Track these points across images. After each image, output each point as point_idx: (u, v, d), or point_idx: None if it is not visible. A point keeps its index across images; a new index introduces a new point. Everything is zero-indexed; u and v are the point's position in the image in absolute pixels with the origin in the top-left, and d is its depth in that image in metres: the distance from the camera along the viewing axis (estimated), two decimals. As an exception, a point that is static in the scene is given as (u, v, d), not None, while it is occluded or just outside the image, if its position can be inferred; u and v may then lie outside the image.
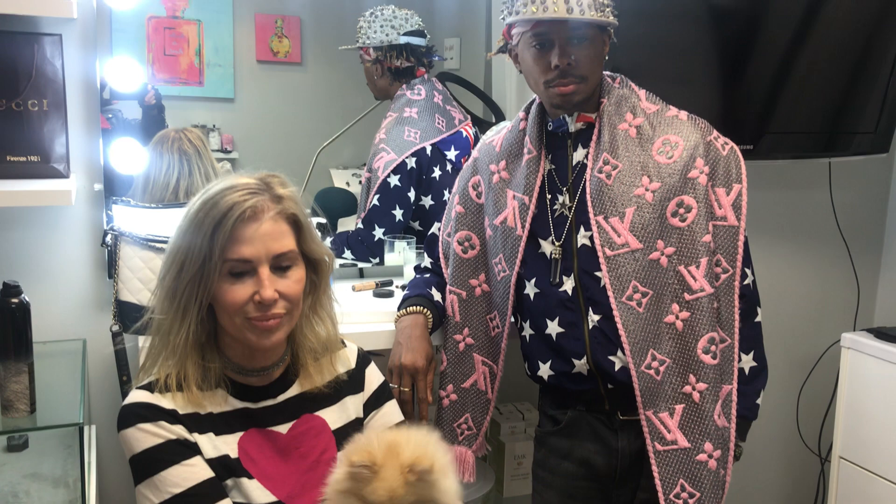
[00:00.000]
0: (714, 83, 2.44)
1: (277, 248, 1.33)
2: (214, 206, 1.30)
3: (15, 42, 1.84)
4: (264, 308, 1.32)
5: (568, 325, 1.72)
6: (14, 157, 1.87)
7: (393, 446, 1.27)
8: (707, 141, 1.70)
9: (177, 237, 1.34)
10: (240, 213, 1.29)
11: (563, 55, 1.62)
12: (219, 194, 1.31)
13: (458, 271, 1.86)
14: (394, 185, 2.33)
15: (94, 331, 2.00)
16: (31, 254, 1.97)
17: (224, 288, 1.31)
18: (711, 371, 1.65)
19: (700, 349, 1.65)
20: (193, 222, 1.31)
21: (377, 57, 2.41)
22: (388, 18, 2.40)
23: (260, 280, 1.31)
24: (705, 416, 1.65)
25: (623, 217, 1.66)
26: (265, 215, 1.32)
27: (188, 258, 1.30)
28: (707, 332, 1.65)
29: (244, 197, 1.30)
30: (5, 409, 1.58)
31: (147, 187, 2.12)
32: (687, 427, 1.65)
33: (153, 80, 2.33)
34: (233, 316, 1.33)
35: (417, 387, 1.76)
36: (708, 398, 1.65)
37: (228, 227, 1.28)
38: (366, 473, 1.23)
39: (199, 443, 1.33)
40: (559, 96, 1.66)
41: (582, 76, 1.65)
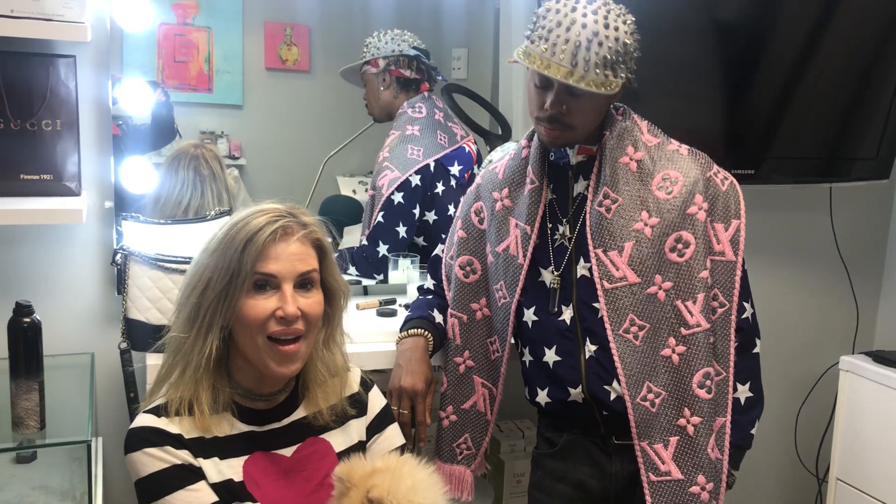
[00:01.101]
0: (717, 103, 2.46)
1: (303, 267, 1.38)
2: (246, 226, 1.35)
3: (31, 64, 1.88)
4: (286, 323, 1.36)
5: (565, 354, 1.74)
6: (27, 176, 1.91)
7: (370, 473, 1.32)
8: (707, 177, 1.71)
9: (203, 257, 1.38)
10: (272, 231, 1.35)
11: (556, 103, 1.62)
12: (250, 216, 1.37)
13: (460, 295, 1.88)
14: (398, 203, 2.36)
15: (103, 345, 2.04)
16: (43, 269, 2.01)
17: (248, 303, 1.35)
18: (706, 405, 1.67)
19: (695, 384, 1.66)
20: (223, 242, 1.36)
21: (386, 66, 2.44)
22: (397, 34, 2.46)
23: (284, 296, 1.36)
24: (699, 449, 1.67)
25: (622, 251, 1.67)
26: (293, 237, 1.38)
27: (215, 275, 1.35)
28: (702, 366, 1.67)
29: (274, 218, 1.36)
30: (16, 425, 1.61)
31: (158, 203, 2.16)
32: (681, 459, 1.67)
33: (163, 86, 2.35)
34: (255, 335, 1.36)
35: (416, 409, 1.78)
36: (702, 432, 1.67)
37: (259, 243, 1.34)
38: (340, 487, 1.31)
39: (203, 467, 1.36)
40: (544, 135, 1.69)
41: (570, 125, 1.65)
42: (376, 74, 2.46)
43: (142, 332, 1.85)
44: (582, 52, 1.55)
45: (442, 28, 2.60)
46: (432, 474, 1.37)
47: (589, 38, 1.55)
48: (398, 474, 1.33)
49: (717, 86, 2.44)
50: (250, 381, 1.43)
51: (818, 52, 2.39)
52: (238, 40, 2.48)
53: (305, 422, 1.48)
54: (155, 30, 2.34)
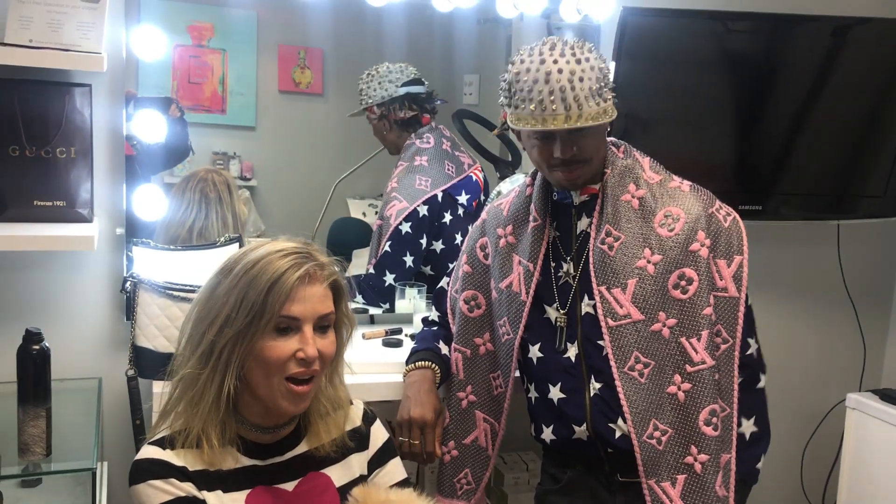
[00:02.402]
0: (726, 136, 2.47)
1: (322, 309, 1.40)
2: (268, 266, 1.36)
3: (47, 92, 1.91)
4: (306, 364, 1.37)
5: (569, 392, 1.74)
6: (41, 202, 1.93)
7: (385, 502, 1.34)
8: (709, 213, 1.72)
9: (220, 293, 1.37)
10: (298, 275, 1.36)
11: (566, 150, 1.64)
12: (272, 254, 1.37)
13: (464, 330, 1.89)
14: (405, 233, 2.37)
15: (111, 370, 2.06)
16: (53, 294, 2.03)
17: (268, 344, 1.36)
18: (713, 442, 1.67)
19: (702, 421, 1.66)
20: (242, 280, 1.36)
21: (382, 113, 2.46)
22: (383, 74, 2.45)
23: (305, 338, 1.37)
24: (707, 486, 1.66)
25: (625, 288, 1.68)
26: (317, 281, 1.39)
27: (234, 313, 1.34)
28: (708, 403, 1.67)
29: (298, 261, 1.37)
30: (22, 451, 1.63)
31: (167, 225, 2.18)
32: (689, 497, 1.66)
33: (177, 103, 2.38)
34: (272, 375, 1.37)
35: (426, 440, 1.79)
36: (710, 469, 1.66)
37: (287, 287, 1.34)
38: None
39: (207, 500, 1.37)
40: (566, 181, 1.70)
41: (586, 159, 1.67)
42: (376, 119, 2.49)
43: (149, 359, 1.87)
44: (569, 95, 1.58)
45: (454, 54, 2.62)
46: None
47: (570, 79, 1.58)
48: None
49: (727, 119, 2.45)
50: (257, 415, 1.44)
51: (827, 88, 2.40)
52: (252, 63, 2.50)
53: (307, 455, 1.48)
54: (170, 51, 2.37)
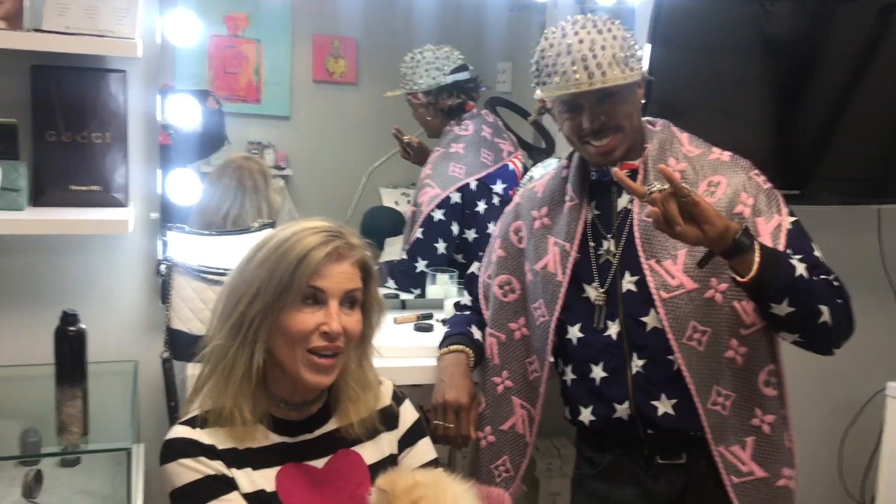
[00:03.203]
0: (765, 120, 2.43)
1: (350, 285, 1.42)
2: (299, 241, 1.38)
3: (83, 78, 1.94)
4: (329, 339, 1.39)
5: (611, 371, 1.73)
6: (77, 187, 1.96)
7: (413, 486, 1.33)
8: (749, 176, 1.72)
9: (250, 268, 1.40)
10: (327, 250, 1.38)
11: (593, 119, 1.65)
12: (303, 232, 1.40)
13: (498, 314, 1.88)
14: (437, 220, 2.37)
15: (146, 353, 2.08)
16: (90, 278, 2.06)
17: (294, 315, 1.38)
18: (775, 402, 1.68)
19: (761, 382, 1.67)
20: (273, 255, 1.38)
21: (428, 101, 2.45)
22: (430, 61, 2.44)
23: (329, 312, 1.39)
24: (778, 444, 1.68)
25: (675, 259, 1.67)
26: (346, 259, 1.41)
27: (265, 286, 1.37)
28: (765, 364, 1.67)
29: (328, 238, 1.40)
30: (60, 431, 1.66)
31: (201, 212, 2.20)
32: (761, 458, 1.68)
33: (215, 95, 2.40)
34: (295, 346, 1.39)
35: (461, 423, 1.78)
36: (777, 428, 1.68)
37: (314, 262, 1.37)
38: (382, 499, 1.31)
39: (236, 478, 1.38)
40: (599, 155, 1.68)
41: (618, 126, 1.66)
42: (419, 106, 2.48)
43: (184, 342, 1.89)
44: (591, 62, 1.60)
45: (486, 41, 2.61)
46: (469, 489, 1.40)
47: (591, 48, 1.60)
48: (440, 487, 1.35)
49: (765, 103, 2.42)
50: (285, 390, 1.45)
51: (870, 70, 2.36)
52: (286, 52, 2.52)
53: (337, 434, 1.49)
54: (206, 41, 2.39)
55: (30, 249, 2.02)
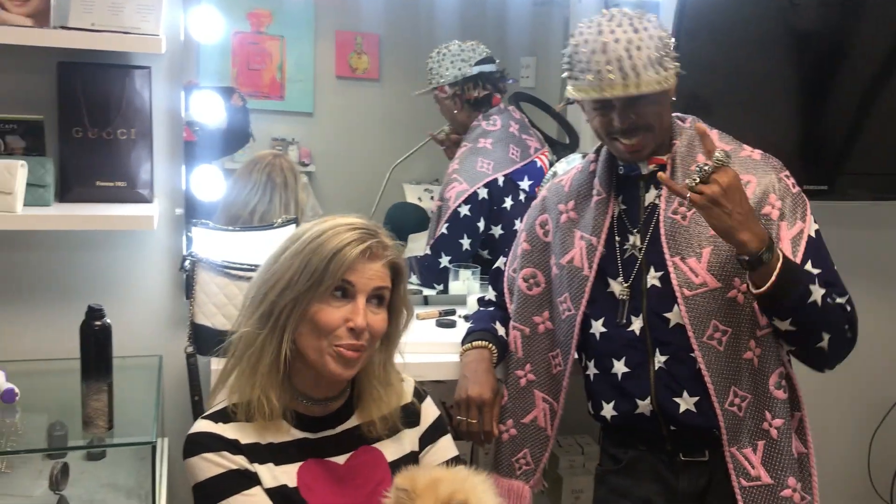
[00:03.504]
0: (792, 116, 2.41)
1: (379, 283, 1.42)
2: (335, 236, 1.39)
3: (108, 75, 1.96)
4: (354, 335, 1.39)
5: (634, 366, 1.72)
6: (102, 183, 1.98)
7: (435, 481, 1.33)
8: (779, 177, 1.70)
9: (285, 259, 1.41)
10: (362, 248, 1.39)
11: (624, 118, 1.63)
12: (339, 227, 1.41)
13: (522, 308, 1.87)
14: (463, 215, 2.36)
15: (171, 348, 2.10)
16: (115, 273, 2.08)
17: (322, 308, 1.39)
18: (784, 406, 1.66)
19: (772, 385, 1.65)
20: (308, 247, 1.39)
21: (454, 92, 2.45)
22: (455, 53, 2.44)
23: (356, 308, 1.40)
24: (784, 450, 1.66)
25: (700, 257, 1.65)
26: (378, 258, 1.42)
27: (296, 277, 1.38)
28: (776, 367, 1.66)
29: (363, 236, 1.40)
30: (86, 425, 1.68)
31: (228, 207, 2.21)
32: (769, 463, 1.66)
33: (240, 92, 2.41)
34: (321, 338, 1.39)
35: (483, 419, 1.78)
36: (784, 433, 1.66)
37: (349, 257, 1.37)
38: (403, 498, 1.30)
39: (259, 473, 1.39)
40: (628, 154, 1.68)
41: (647, 126, 1.65)
42: (446, 99, 2.47)
43: (208, 336, 1.89)
44: (626, 63, 1.57)
45: (510, 37, 2.60)
46: (487, 480, 1.39)
47: (626, 49, 1.57)
48: (467, 481, 1.36)
49: (791, 98, 2.39)
50: (308, 385, 1.45)
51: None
52: (310, 49, 2.53)
53: (358, 431, 1.49)
54: (230, 38, 2.40)
55: (56, 245, 2.04)
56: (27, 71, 1.95)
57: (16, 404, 1.78)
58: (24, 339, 2.04)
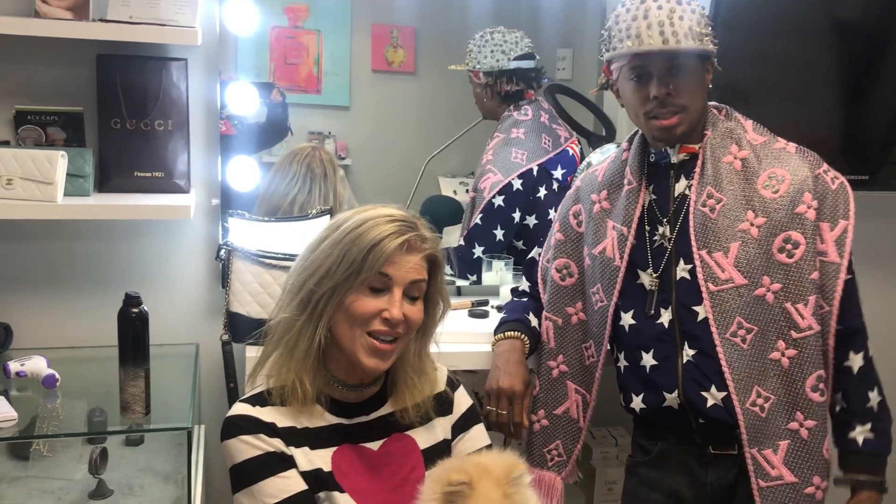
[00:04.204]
0: (833, 105, 2.37)
1: (416, 276, 1.43)
2: (375, 227, 1.40)
3: (146, 67, 1.98)
4: (389, 325, 1.40)
5: (662, 359, 1.70)
6: (140, 173, 2.01)
7: (483, 465, 1.34)
8: (816, 174, 1.66)
9: (324, 248, 1.42)
10: (400, 241, 1.39)
11: (661, 85, 1.61)
12: (379, 218, 1.42)
13: (556, 298, 1.87)
14: (498, 206, 2.36)
15: (207, 336, 2.13)
16: (152, 262, 2.11)
17: (359, 298, 1.40)
18: (820, 408, 1.64)
19: (808, 387, 1.63)
20: (349, 236, 1.40)
21: (487, 82, 2.44)
22: (498, 43, 2.42)
23: (392, 299, 1.41)
24: (814, 451, 1.64)
25: (727, 252, 1.63)
26: (416, 251, 1.42)
27: (335, 266, 1.39)
28: (815, 370, 1.63)
29: (402, 228, 1.41)
30: (123, 410, 1.71)
31: (266, 196, 2.23)
32: (793, 462, 1.64)
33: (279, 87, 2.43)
34: (355, 327, 1.40)
35: (514, 410, 1.78)
36: (817, 434, 1.64)
37: (387, 249, 1.38)
38: (465, 490, 1.30)
39: (294, 456, 1.40)
40: (660, 129, 1.65)
41: (682, 105, 1.63)
42: (478, 85, 2.47)
43: (243, 325, 1.91)
44: (667, 28, 1.58)
45: (547, 28, 2.58)
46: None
47: (669, 16, 1.59)
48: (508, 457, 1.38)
49: (834, 87, 2.35)
50: (342, 371, 1.46)
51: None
52: (346, 43, 2.54)
53: (392, 418, 1.50)
54: (267, 33, 2.42)
55: (95, 234, 2.07)
56: (67, 64, 1.98)
57: (57, 390, 1.81)
58: (64, 326, 2.08)
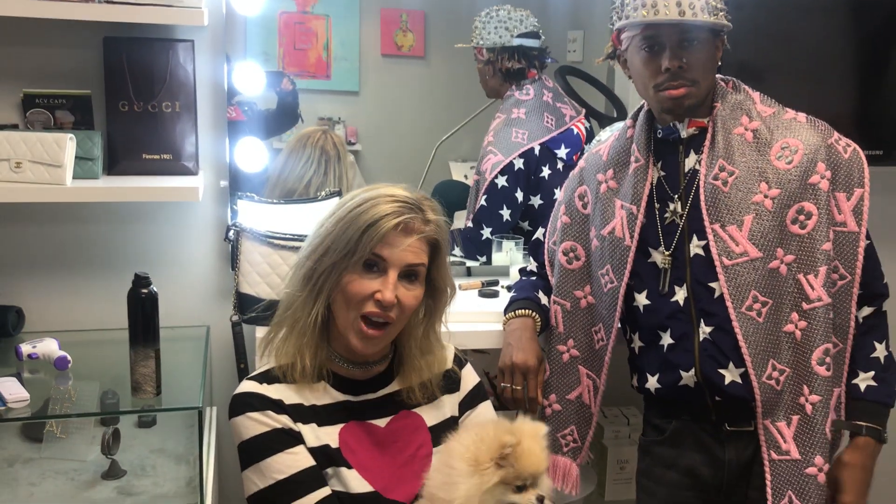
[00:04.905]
0: (848, 82, 2.35)
1: (413, 259, 1.42)
2: (373, 207, 1.39)
3: (152, 49, 1.98)
4: (382, 307, 1.39)
5: (678, 338, 1.69)
6: (149, 155, 2.01)
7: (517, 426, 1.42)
8: (828, 144, 1.65)
9: (328, 225, 1.43)
10: (396, 222, 1.38)
11: (673, 58, 1.59)
12: (381, 198, 1.41)
13: (563, 282, 1.85)
14: (501, 186, 2.35)
15: (218, 318, 2.13)
16: (162, 245, 2.12)
17: (354, 278, 1.40)
18: (825, 383, 1.62)
19: (815, 360, 1.62)
20: (349, 215, 1.40)
21: (489, 58, 2.43)
22: (502, 20, 2.41)
23: (386, 281, 1.40)
24: (817, 428, 1.62)
25: (741, 225, 1.62)
26: (414, 234, 1.41)
27: (334, 245, 1.40)
28: (822, 342, 1.62)
29: (402, 209, 1.40)
30: (134, 390, 1.71)
31: (281, 179, 2.24)
32: (799, 439, 1.63)
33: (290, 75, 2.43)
34: (350, 308, 1.41)
35: (528, 385, 1.77)
36: (820, 410, 1.62)
37: (382, 230, 1.38)
38: (512, 449, 1.35)
39: (302, 432, 1.41)
40: (670, 100, 1.63)
41: (693, 80, 1.61)
42: (481, 62, 2.46)
43: (252, 305, 1.92)
44: (684, 1, 1.57)
45: (557, 10, 2.56)
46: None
47: None
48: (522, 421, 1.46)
49: (851, 59, 2.33)
50: (345, 349, 1.47)
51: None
52: (355, 27, 2.53)
53: (399, 395, 1.51)
54: (276, 18, 2.42)
55: (104, 217, 2.08)
56: (74, 46, 1.98)
57: (69, 372, 1.82)
58: (74, 309, 2.09)
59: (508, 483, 1.36)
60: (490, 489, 1.35)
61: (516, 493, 1.37)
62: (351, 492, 1.42)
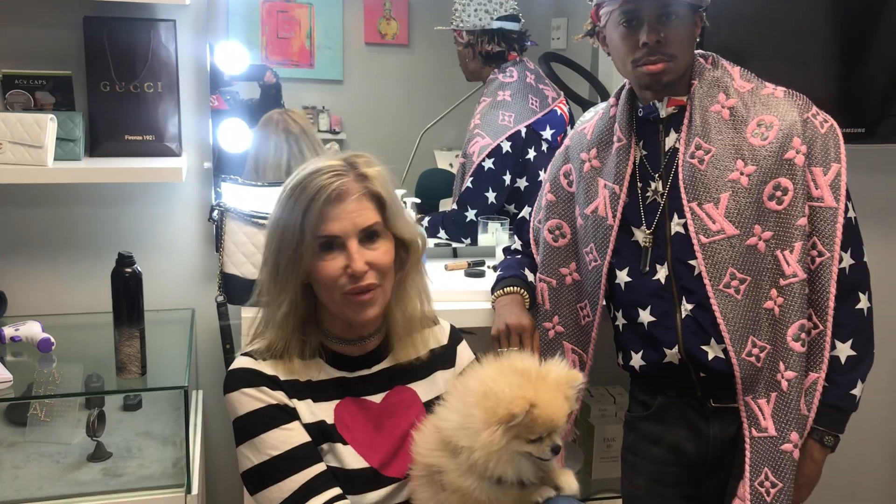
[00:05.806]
0: (829, 61, 2.35)
1: (362, 221, 1.39)
2: (304, 190, 1.37)
3: (133, 28, 1.96)
4: (356, 280, 1.38)
5: (660, 315, 1.70)
6: (131, 136, 2.00)
7: (520, 372, 1.40)
8: (805, 118, 1.65)
9: (273, 217, 1.42)
10: (326, 195, 1.36)
11: (651, 32, 1.59)
12: (307, 178, 1.38)
13: (549, 260, 1.86)
14: (488, 169, 2.35)
15: (203, 301, 2.12)
16: (145, 227, 2.10)
17: (318, 264, 1.38)
18: (800, 359, 1.63)
19: (790, 336, 1.62)
20: (287, 205, 1.39)
21: (469, 41, 2.43)
22: (482, 2, 2.41)
23: (350, 254, 1.37)
24: (792, 405, 1.63)
25: (718, 203, 1.62)
26: (350, 196, 1.37)
27: (284, 239, 1.38)
28: (797, 318, 1.62)
29: (330, 179, 1.37)
30: (119, 371, 1.70)
31: (258, 168, 2.22)
32: (776, 415, 1.63)
33: (266, 62, 2.41)
34: (331, 291, 1.39)
35: (524, 345, 1.78)
36: (795, 387, 1.63)
37: (316, 209, 1.35)
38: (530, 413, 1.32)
39: (297, 408, 1.41)
40: (647, 75, 1.63)
41: (671, 54, 1.61)
42: (461, 45, 2.45)
43: (237, 285, 1.91)
44: None
45: (541, -4, 2.56)
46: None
47: None
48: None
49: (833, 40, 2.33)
50: (339, 328, 1.46)
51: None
52: (338, 15, 2.51)
53: (393, 371, 1.51)
54: (258, 6, 2.40)
55: (87, 199, 2.06)
56: (55, 26, 1.96)
57: (52, 354, 1.81)
58: (57, 292, 2.07)
59: (522, 437, 1.35)
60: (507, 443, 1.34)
61: (530, 444, 1.36)
62: (346, 468, 1.42)
